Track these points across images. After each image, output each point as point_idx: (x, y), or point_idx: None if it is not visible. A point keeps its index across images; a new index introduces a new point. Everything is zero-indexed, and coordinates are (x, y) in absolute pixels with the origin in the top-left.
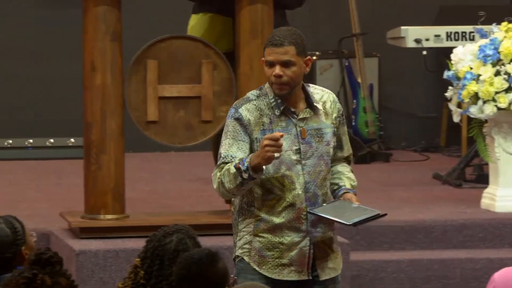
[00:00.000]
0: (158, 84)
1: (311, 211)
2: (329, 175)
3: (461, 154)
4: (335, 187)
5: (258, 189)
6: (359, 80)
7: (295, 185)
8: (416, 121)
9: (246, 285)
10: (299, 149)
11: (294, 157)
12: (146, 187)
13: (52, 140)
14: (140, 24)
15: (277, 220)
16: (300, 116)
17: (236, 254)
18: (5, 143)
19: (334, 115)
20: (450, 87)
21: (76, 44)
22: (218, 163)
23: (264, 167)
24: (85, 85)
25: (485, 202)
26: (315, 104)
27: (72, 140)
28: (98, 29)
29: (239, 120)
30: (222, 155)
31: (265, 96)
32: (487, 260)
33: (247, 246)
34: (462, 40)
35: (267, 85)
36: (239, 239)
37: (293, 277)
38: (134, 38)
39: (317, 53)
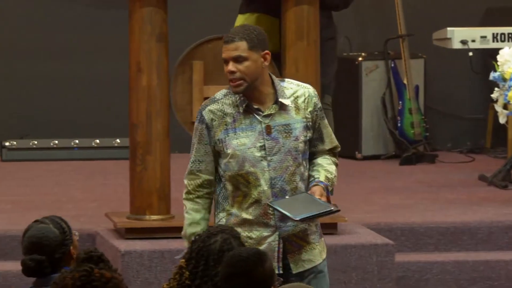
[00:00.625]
0: (204, 85)
1: (269, 203)
2: (300, 169)
3: (507, 155)
4: (311, 179)
5: (229, 185)
6: (405, 81)
7: (260, 182)
8: (461, 123)
9: (292, 285)
10: (264, 145)
11: (258, 154)
12: None
13: (98, 141)
14: (186, 25)
15: (245, 215)
16: (266, 113)
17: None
18: (51, 144)
19: (309, 109)
20: (496, 89)
21: (122, 45)
22: (188, 168)
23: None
24: (131, 86)
25: None
26: (281, 100)
27: (118, 140)
28: (144, 30)
29: (202, 123)
30: (191, 159)
31: (232, 94)
32: None
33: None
34: (508, 41)
35: None
36: (218, 218)
37: None
38: (180, 39)
39: (363, 54)
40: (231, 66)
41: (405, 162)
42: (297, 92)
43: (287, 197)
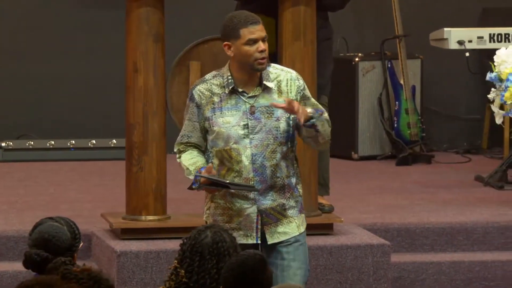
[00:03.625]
0: None
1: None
2: (282, 148)
3: (503, 156)
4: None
5: (215, 160)
6: (402, 81)
7: (242, 157)
8: (458, 123)
9: (283, 286)
10: (247, 124)
11: (242, 132)
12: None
13: (94, 141)
14: (183, 25)
15: None
16: (250, 94)
17: (203, 218)
18: (48, 144)
19: (293, 92)
20: (492, 89)
21: (119, 45)
22: (177, 139)
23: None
24: (127, 86)
25: None
26: (265, 82)
27: (114, 141)
28: (141, 30)
29: (192, 101)
30: (180, 134)
31: (220, 76)
32: None
33: (207, 211)
34: (505, 42)
35: (226, 66)
36: (205, 205)
37: (241, 240)
38: (176, 39)
39: (360, 54)
40: (263, 45)
41: (401, 162)
42: (279, 76)
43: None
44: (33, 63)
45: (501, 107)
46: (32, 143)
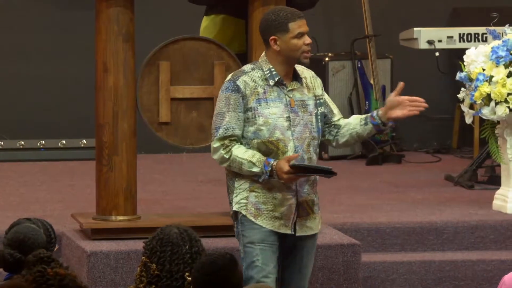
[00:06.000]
0: (171, 85)
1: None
2: (314, 142)
3: (473, 155)
4: (358, 126)
5: (256, 150)
6: (372, 81)
7: (287, 148)
8: (428, 123)
9: (256, 286)
10: (289, 116)
11: (286, 123)
12: (158, 188)
13: (64, 141)
14: (153, 25)
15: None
16: (289, 88)
17: (234, 209)
18: (17, 144)
19: (317, 88)
20: (462, 89)
21: (88, 45)
22: (219, 133)
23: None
24: (97, 86)
25: (497, 203)
26: (302, 77)
27: (84, 141)
28: (111, 30)
29: (238, 92)
30: (222, 127)
31: (259, 68)
32: (499, 262)
33: (243, 201)
34: (474, 41)
35: (263, 59)
36: (236, 196)
37: (281, 229)
38: (146, 39)
39: (330, 54)
40: (310, 39)
41: (371, 162)
42: (303, 73)
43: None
44: (2, 64)
45: (471, 106)
46: (2, 143)
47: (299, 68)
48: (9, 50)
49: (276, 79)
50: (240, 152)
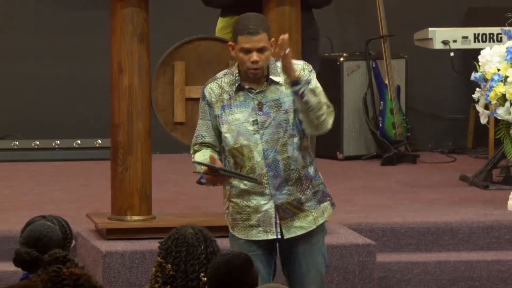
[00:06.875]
0: (185, 85)
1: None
2: (293, 140)
3: (488, 155)
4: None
5: (230, 159)
6: (386, 81)
7: (253, 154)
8: (443, 123)
9: (269, 286)
10: (256, 120)
11: (251, 128)
12: (173, 188)
13: (79, 141)
14: (168, 26)
15: (243, 186)
16: (257, 90)
17: (225, 218)
18: (33, 144)
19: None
20: (477, 89)
21: (104, 45)
22: (192, 141)
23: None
24: (112, 86)
25: (511, 203)
26: (271, 77)
27: (99, 141)
28: (126, 30)
29: (204, 99)
30: (195, 134)
31: (230, 74)
32: None
33: (226, 210)
34: (489, 41)
35: (236, 64)
36: (224, 205)
37: (261, 236)
38: (161, 39)
39: (345, 54)
40: (256, 57)
41: (386, 162)
42: None
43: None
44: (19, 64)
45: (486, 107)
46: (17, 143)
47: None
48: (24, 51)
49: (237, 84)
50: (199, 156)
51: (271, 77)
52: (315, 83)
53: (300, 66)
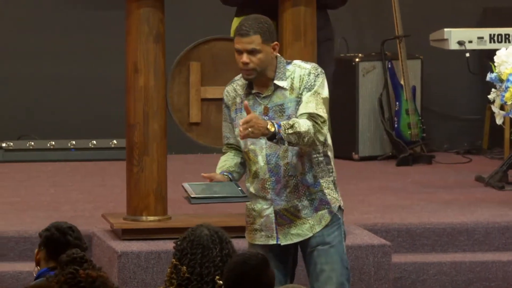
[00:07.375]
0: (201, 85)
1: (182, 184)
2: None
3: (504, 156)
4: None
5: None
6: (402, 82)
7: (258, 158)
8: (458, 124)
9: (288, 286)
10: None
11: None
12: None
13: (94, 142)
14: (183, 26)
15: (251, 189)
16: (264, 95)
17: None
18: (48, 145)
19: (301, 87)
20: (493, 89)
21: (119, 46)
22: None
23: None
24: (127, 86)
25: None
26: (275, 82)
27: (115, 141)
28: (141, 30)
29: (223, 102)
30: (223, 135)
31: None
32: None
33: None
34: (505, 42)
35: None
36: None
37: (262, 241)
38: (177, 39)
39: (360, 55)
40: (245, 58)
41: (402, 163)
42: (294, 73)
43: (208, 182)
44: (34, 64)
45: (502, 107)
46: (32, 143)
47: (292, 68)
48: (40, 51)
49: (245, 88)
50: (221, 160)
51: (275, 82)
52: (317, 87)
53: (306, 71)
